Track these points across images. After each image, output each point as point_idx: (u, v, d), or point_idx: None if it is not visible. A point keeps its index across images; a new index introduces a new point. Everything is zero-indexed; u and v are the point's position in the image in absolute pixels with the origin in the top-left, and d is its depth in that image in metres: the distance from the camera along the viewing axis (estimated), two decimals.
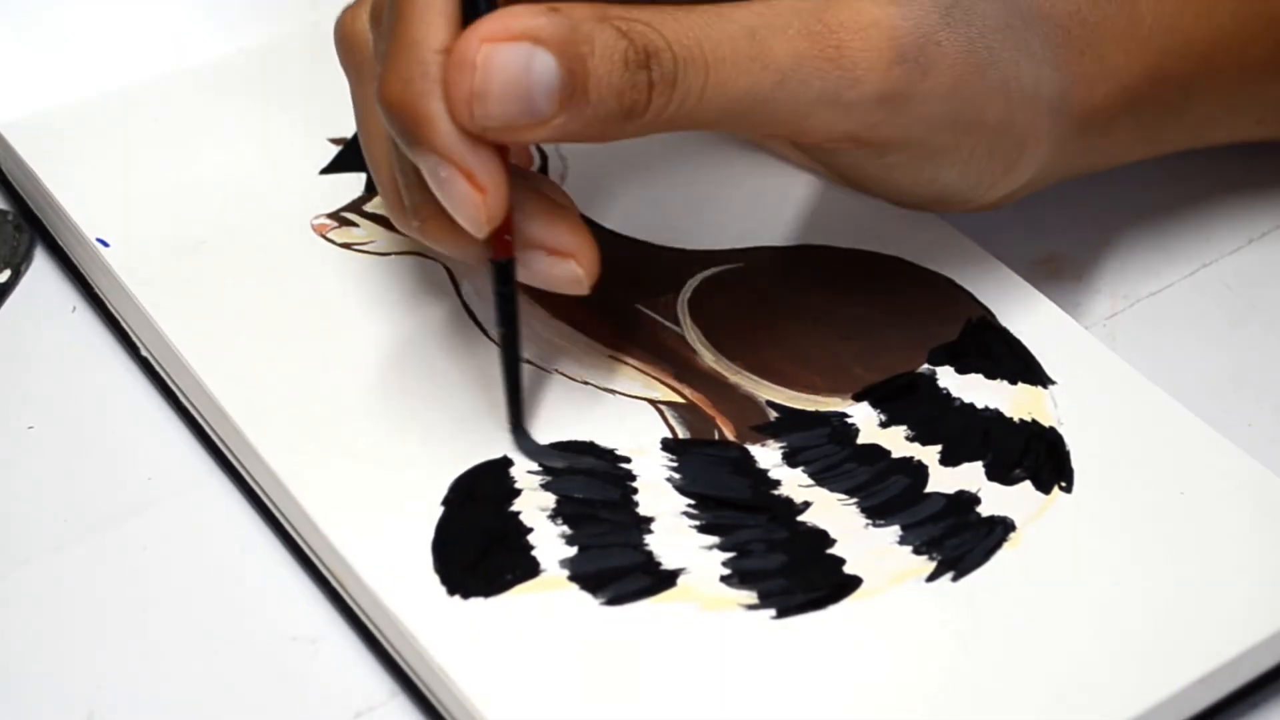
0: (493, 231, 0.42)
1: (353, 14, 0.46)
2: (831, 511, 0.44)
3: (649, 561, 0.43)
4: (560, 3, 0.41)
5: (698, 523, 0.44)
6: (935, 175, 0.47)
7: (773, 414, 0.47)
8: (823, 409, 0.47)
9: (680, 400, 0.47)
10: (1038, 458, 0.45)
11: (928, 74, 0.44)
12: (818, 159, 0.51)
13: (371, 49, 0.45)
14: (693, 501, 0.44)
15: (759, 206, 0.52)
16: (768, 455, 0.46)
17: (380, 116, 0.43)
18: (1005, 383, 0.47)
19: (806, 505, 0.45)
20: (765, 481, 0.45)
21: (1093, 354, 0.48)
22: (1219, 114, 0.51)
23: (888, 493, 0.45)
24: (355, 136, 0.53)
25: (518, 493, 0.44)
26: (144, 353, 0.49)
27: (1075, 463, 0.45)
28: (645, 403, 0.47)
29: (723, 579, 0.43)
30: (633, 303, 0.49)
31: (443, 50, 0.41)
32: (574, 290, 0.44)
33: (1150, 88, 0.48)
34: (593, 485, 0.45)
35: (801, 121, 0.44)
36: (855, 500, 0.45)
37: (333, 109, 0.54)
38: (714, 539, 0.44)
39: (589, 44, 0.41)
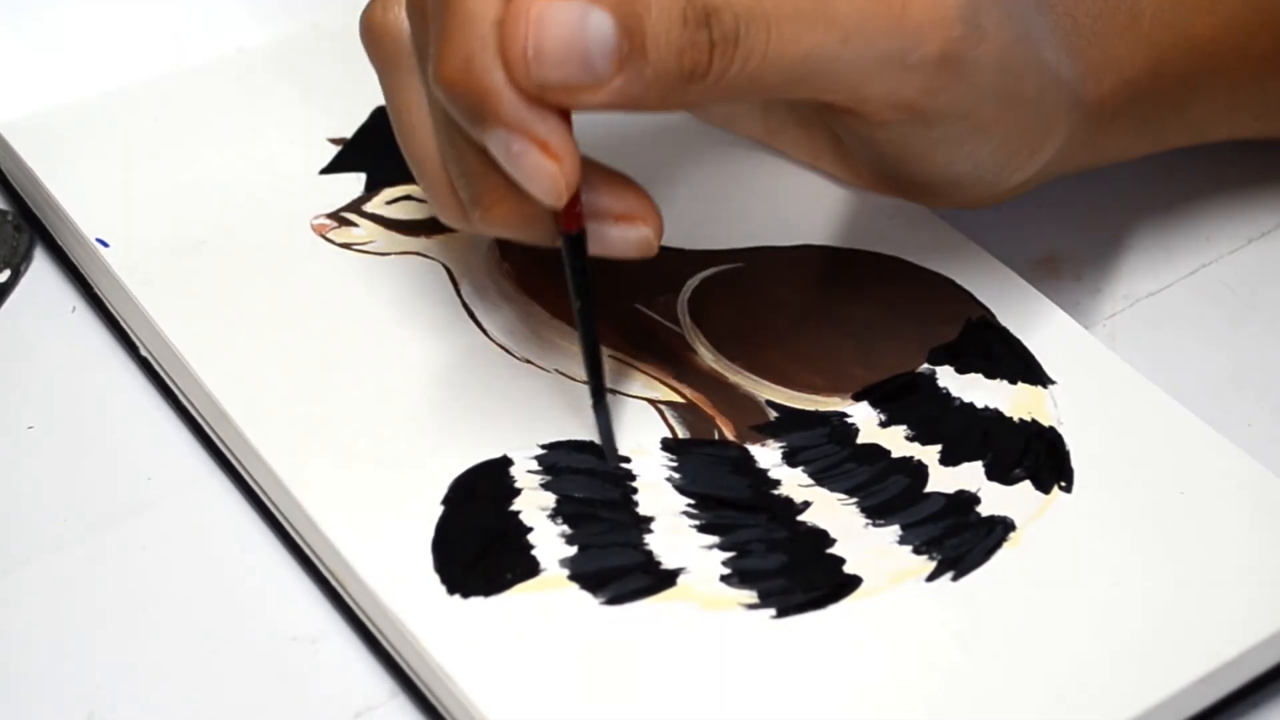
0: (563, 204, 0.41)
1: (381, 5, 0.45)
2: (831, 511, 0.44)
3: (649, 561, 0.43)
4: None
5: (697, 522, 0.44)
6: (973, 152, 0.47)
7: (772, 414, 0.47)
8: (822, 409, 0.47)
9: (680, 400, 0.47)
10: (1038, 458, 0.45)
11: (983, 39, 0.44)
12: (856, 140, 0.49)
13: (407, 38, 0.44)
14: (692, 501, 0.44)
15: (759, 207, 0.52)
16: (767, 455, 0.46)
17: (424, 106, 0.42)
18: (1005, 382, 0.47)
19: (806, 505, 0.45)
20: (765, 481, 0.45)
21: (1093, 354, 0.48)
22: (1220, 110, 0.50)
23: (888, 492, 0.45)
24: (355, 136, 0.53)
25: (518, 492, 0.44)
26: (144, 353, 0.49)
27: (1075, 463, 0.45)
28: (645, 402, 0.47)
29: (723, 579, 0.43)
30: (632, 303, 0.49)
31: (499, 22, 0.40)
32: (643, 253, 0.43)
33: (1152, 81, 0.48)
34: (593, 485, 0.45)
35: (864, 84, 0.43)
36: (855, 500, 0.45)
37: (333, 109, 0.54)
38: (714, 539, 0.44)
39: (645, 2, 0.40)
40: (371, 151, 0.53)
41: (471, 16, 0.40)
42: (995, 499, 0.45)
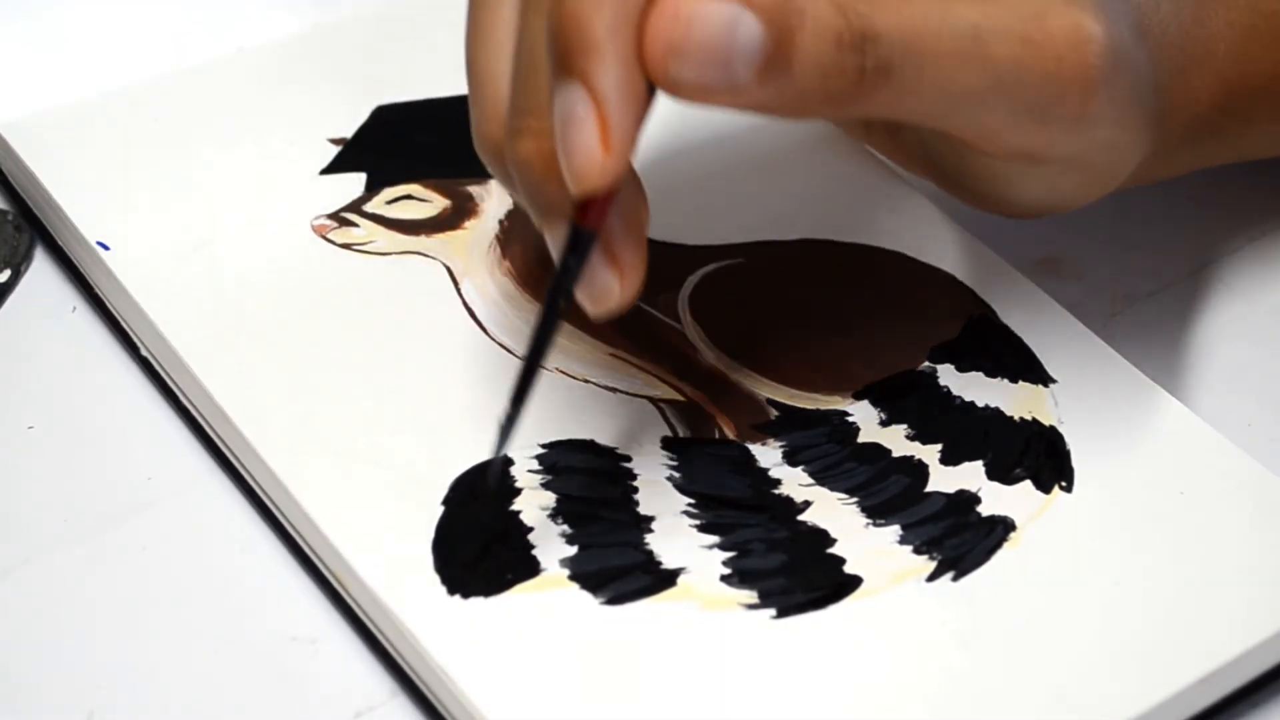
0: (593, 197, 0.40)
1: None
2: (832, 511, 0.44)
3: (649, 561, 0.43)
4: None
5: (698, 522, 0.44)
6: (1059, 184, 0.46)
7: (773, 412, 0.47)
8: (823, 407, 0.47)
9: (680, 398, 0.47)
10: (1038, 457, 0.45)
11: (1113, 101, 0.43)
12: (949, 155, 0.47)
13: None
14: (693, 500, 0.44)
15: (759, 201, 0.52)
16: (768, 454, 0.46)
17: (512, 12, 0.41)
18: (1006, 381, 0.47)
19: (807, 504, 0.45)
20: (765, 480, 0.45)
21: (1093, 353, 0.48)
22: (1275, 136, 0.50)
23: (888, 492, 0.45)
24: (355, 136, 0.53)
25: (518, 492, 0.44)
26: (144, 352, 0.49)
27: (1075, 462, 0.45)
28: (645, 401, 0.47)
29: (723, 578, 0.43)
30: None
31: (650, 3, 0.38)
32: (597, 303, 0.41)
33: (1218, 115, 0.48)
34: (593, 484, 0.45)
35: (1000, 130, 0.43)
36: (855, 500, 0.45)
37: (333, 109, 0.54)
38: (714, 538, 0.44)
39: (800, 17, 0.38)
40: (372, 151, 0.53)
41: None
42: (995, 499, 0.45)
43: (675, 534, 0.44)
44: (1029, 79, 0.41)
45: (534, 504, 0.44)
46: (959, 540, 0.44)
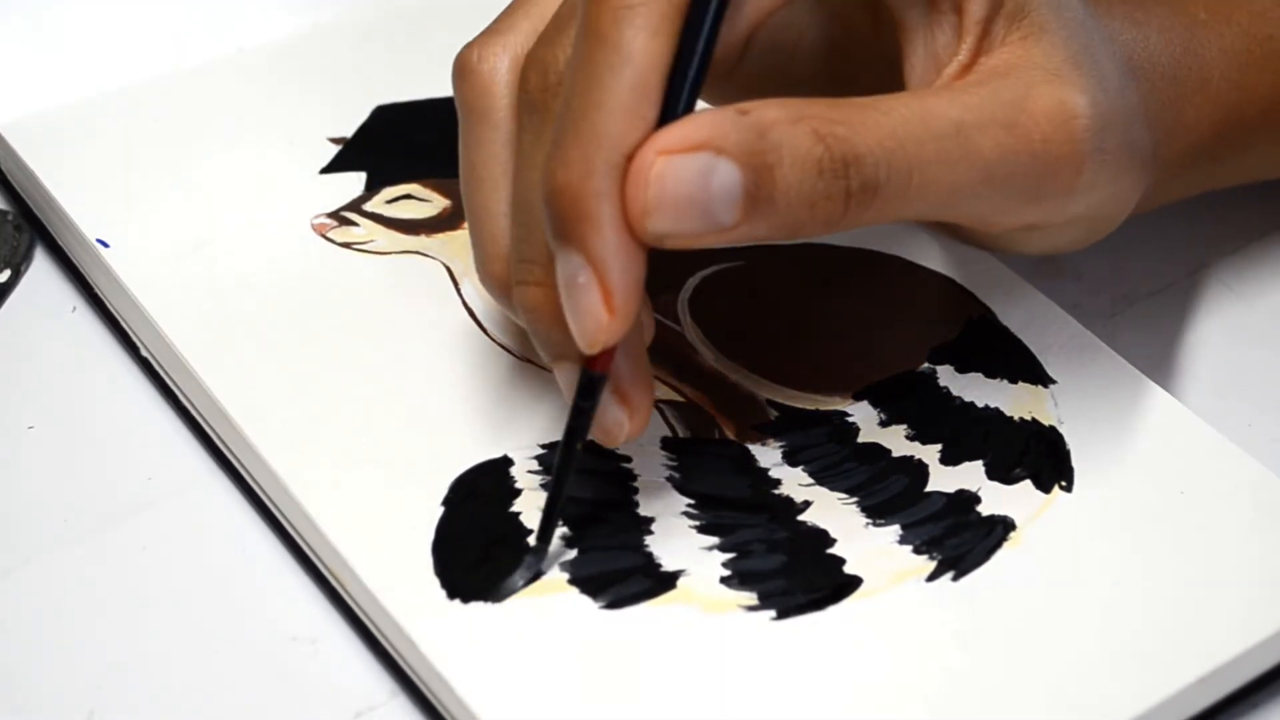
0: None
1: (482, 54, 0.43)
2: (832, 511, 0.44)
3: (649, 563, 0.43)
4: (753, 103, 0.39)
5: (698, 523, 0.44)
6: (1065, 237, 0.46)
7: (773, 413, 0.47)
8: (823, 408, 0.47)
9: (680, 399, 0.47)
10: (1038, 457, 0.45)
11: (1105, 164, 0.43)
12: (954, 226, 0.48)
13: (503, 92, 0.43)
14: (693, 501, 0.44)
15: None
16: (768, 454, 0.46)
17: (503, 163, 0.42)
18: (1005, 382, 0.47)
19: (807, 505, 0.45)
20: (765, 481, 0.45)
21: (1093, 354, 0.48)
22: (1271, 160, 0.50)
23: (888, 492, 0.45)
24: (355, 136, 0.53)
25: (518, 493, 0.44)
26: (144, 352, 0.48)
27: (1075, 462, 0.45)
28: None
29: (723, 580, 0.43)
30: None
31: (629, 153, 0.39)
32: (608, 439, 0.42)
33: (1216, 141, 0.48)
34: (593, 485, 0.45)
35: (997, 215, 0.43)
36: (855, 500, 0.45)
37: (333, 109, 0.54)
38: (714, 539, 0.44)
39: (777, 152, 0.38)
40: (371, 151, 0.53)
41: (606, 137, 0.38)
42: (995, 499, 0.45)
43: (675, 535, 0.44)
44: (1017, 165, 0.41)
45: (534, 505, 0.44)
46: (959, 540, 0.44)
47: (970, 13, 0.42)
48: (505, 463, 0.45)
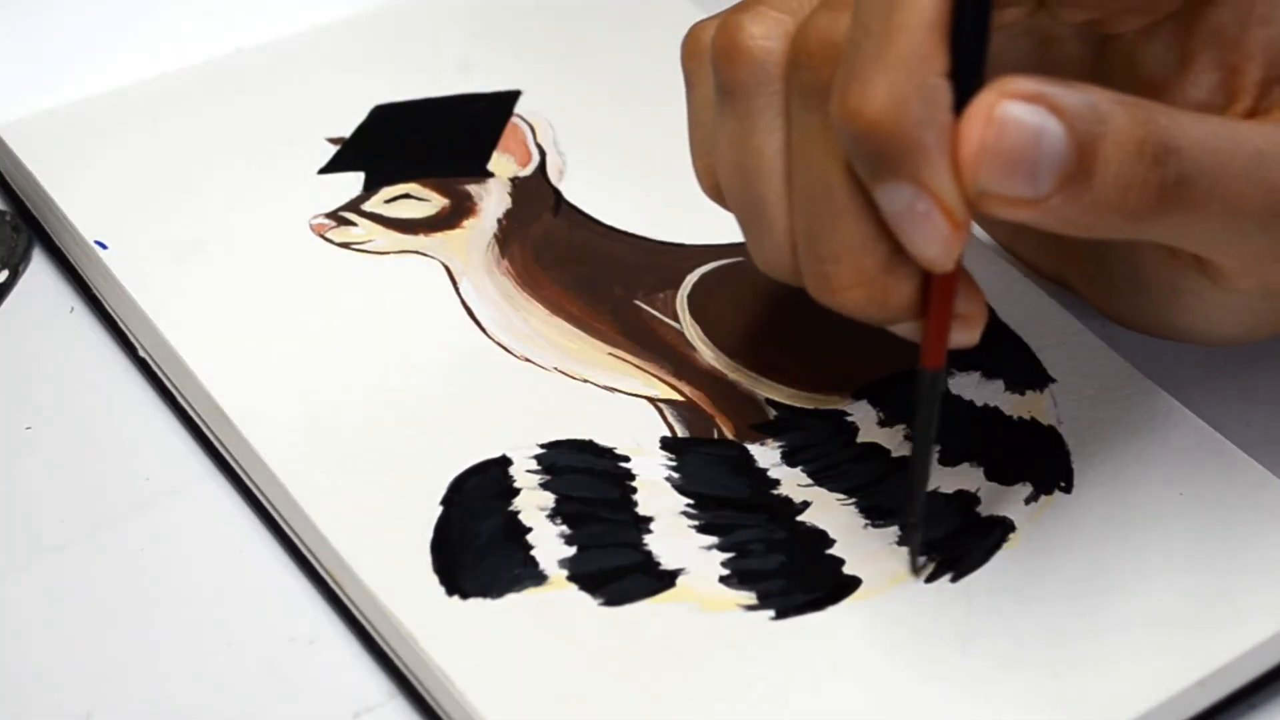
0: (929, 338, 0.40)
1: (754, 30, 0.41)
2: (831, 511, 0.44)
3: (648, 562, 0.43)
4: (1072, 81, 0.38)
5: (697, 522, 0.44)
6: (1269, 318, 0.45)
7: (772, 412, 0.47)
8: (822, 407, 0.47)
9: (679, 398, 0.47)
10: (1037, 458, 0.45)
11: None
12: (1162, 284, 0.45)
13: (774, 64, 0.41)
14: (692, 501, 0.44)
15: None
16: (767, 454, 0.46)
17: (779, 141, 0.40)
18: (1005, 381, 0.47)
19: (806, 505, 0.44)
20: (764, 481, 0.45)
21: (1093, 353, 0.48)
22: None
23: (887, 492, 0.45)
24: (354, 136, 0.53)
25: (517, 492, 0.44)
26: (142, 353, 0.48)
27: (1075, 462, 0.45)
28: (644, 401, 0.47)
29: (722, 579, 0.43)
30: (632, 299, 0.49)
31: (944, 74, 0.37)
32: (959, 347, 0.41)
33: None
34: (592, 484, 0.45)
35: (1269, 261, 0.41)
36: (854, 500, 0.45)
37: (332, 109, 0.54)
38: (713, 539, 0.44)
39: (1104, 125, 0.38)
40: (370, 151, 0.53)
41: (918, 60, 0.37)
42: (995, 499, 0.45)
43: (674, 534, 0.44)
44: None
45: (533, 504, 0.44)
46: (958, 541, 0.44)
47: (1248, 74, 0.42)
48: (504, 462, 0.45)
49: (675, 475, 0.45)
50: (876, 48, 0.37)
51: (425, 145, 0.53)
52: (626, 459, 0.45)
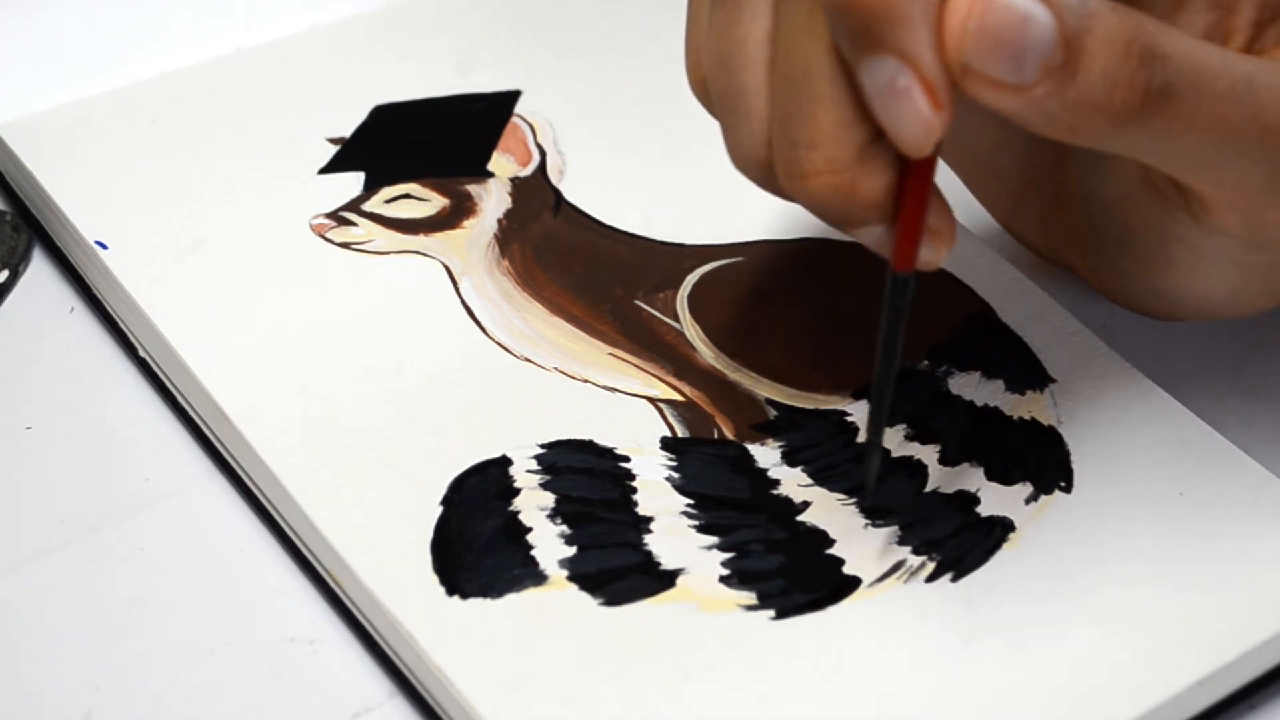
0: (901, 239, 0.40)
1: None
2: (831, 511, 0.44)
3: (648, 561, 0.43)
4: None
5: (697, 522, 0.44)
6: (1254, 282, 0.45)
7: (772, 412, 0.47)
8: (822, 407, 0.47)
9: (680, 398, 0.47)
10: (1037, 458, 0.45)
11: None
12: (1148, 233, 0.45)
13: None
14: (692, 501, 0.44)
15: (758, 200, 0.52)
16: (767, 454, 0.46)
17: (763, 29, 0.40)
18: (1005, 381, 0.47)
19: (806, 505, 0.44)
20: (764, 481, 0.45)
21: (1093, 352, 0.48)
22: None
23: (888, 492, 0.45)
24: (354, 136, 0.53)
25: (517, 492, 0.44)
26: (142, 353, 0.48)
27: (1075, 462, 0.45)
28: (645, 401, 0.47)
29: (722, 579, 0.43)
30: (632, 299, 0.49)
31: None
32: (924, 269, 0.41)
33: None
34: (592, 484, 0.45)
35: (1252, 192, 0.41)
36: (854, 500, 0.45)
37: (332, 109, 0.54)
38: (713, 539, 0.44)
39: (1092, 20, 0.38)
40: (370, 151, 0.53)
41: None
42: (995, 499, 0.45)
43: (674, 534, 0.44)
44: None
45: (533, 504, 0.44)
46: (958, 540, 0.44)
47: (1242, 13, 0.42)
48: (504, 462, 0.45)
49: (675, 475, 0.45)
50: None
51: (425, 145, 0.53)
52: (626, 459, 0.45)
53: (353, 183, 0.52)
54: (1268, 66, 0.41)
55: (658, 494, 0.44)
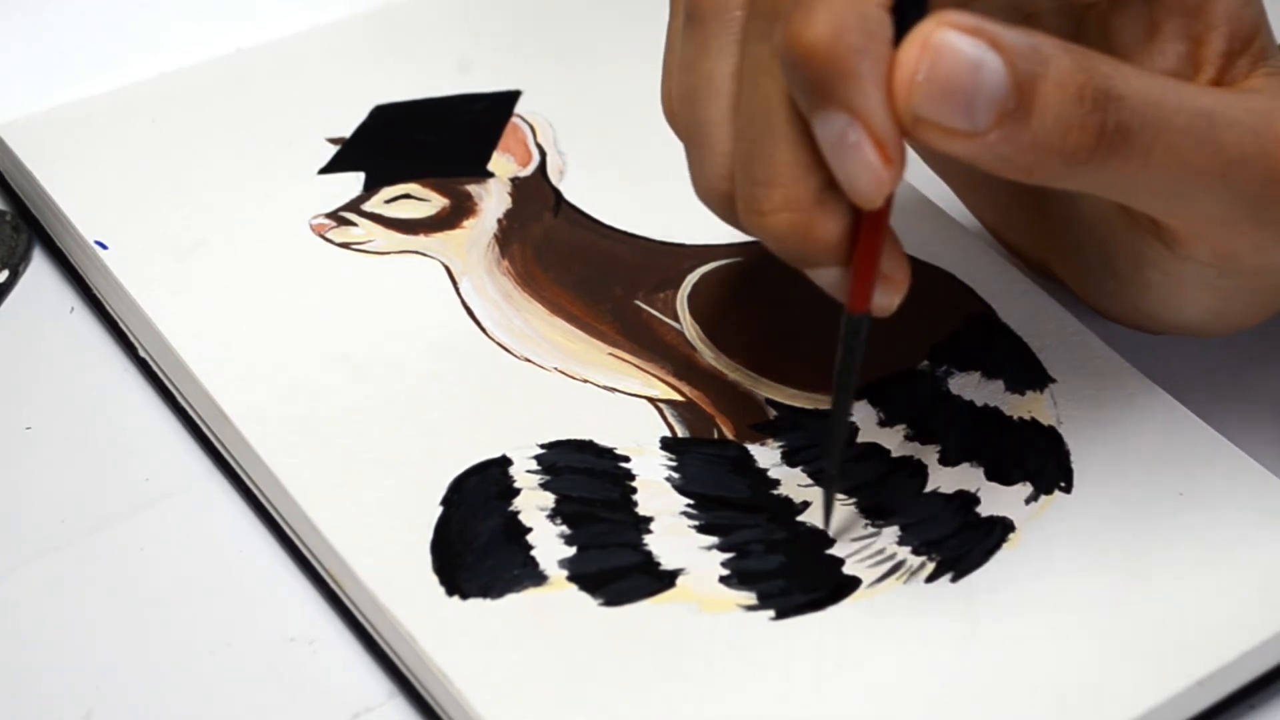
0: (856, 281, 0.40)
1: None
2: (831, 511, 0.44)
3: (648, 562, 0.43)
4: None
5: (697, 522, 0.44)
6: (1234, 303, 0.45)
7: (772, 412, 0.47)
8: (822, 407, 0.47)
9: (680, 398, 0.47)
10: (1037, 458, 0.45)
11: None
12: (1125, 258, 0.46)
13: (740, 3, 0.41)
14: (692, 501, 0.44)
15: None
16: (767, 454, 0.46)
17: (729, 68, 0.40)
18: (1005, 381, 0.47)
19: (806, 505, 0.44)
20: (764, 481, 0.45)
21: (1093, 353, 0.48)
22: None
23: (887, 492, 0.45)
24: (354, 136, 0.53)
25: (517, 492, 0.44)
26: (142, 353, 0.48)
27: (1075, 462, 0.45)
28: (645, 401, 0.47)
29: (721, 579, 0.43)
30: (632, 299, 0.49)
31: (885, 6, 0.38)
32: (880, 313, 0.41)
33: None
34: (592, 484, 0.45)
35: (1216, 224, 0.42)
36: (854, 500, 0.45)
37: (332, 109, 0.54)
38: (713, 539, 0.44)
39: (1044, 65, 0.38)
40: (370, 151, 0.53)
41: None
42: (995, 499, 0.45)
43: (674, 534, 0.44)
44: (1253, 175, 0.40)
45: (533, 504, 0.44)
46: (958, 541, 0.44)
47: (1211, 44, 0.42)
48: (504, 462, 0.45)
49: (675, 475, 0.45)
50: None
51: (425, 145, 0.53)
52: (626, 459, 0.45)
53: (353, 183, 0.52)
54: (1229, 99, 0.41)
55: (658, 494, 0.45)
